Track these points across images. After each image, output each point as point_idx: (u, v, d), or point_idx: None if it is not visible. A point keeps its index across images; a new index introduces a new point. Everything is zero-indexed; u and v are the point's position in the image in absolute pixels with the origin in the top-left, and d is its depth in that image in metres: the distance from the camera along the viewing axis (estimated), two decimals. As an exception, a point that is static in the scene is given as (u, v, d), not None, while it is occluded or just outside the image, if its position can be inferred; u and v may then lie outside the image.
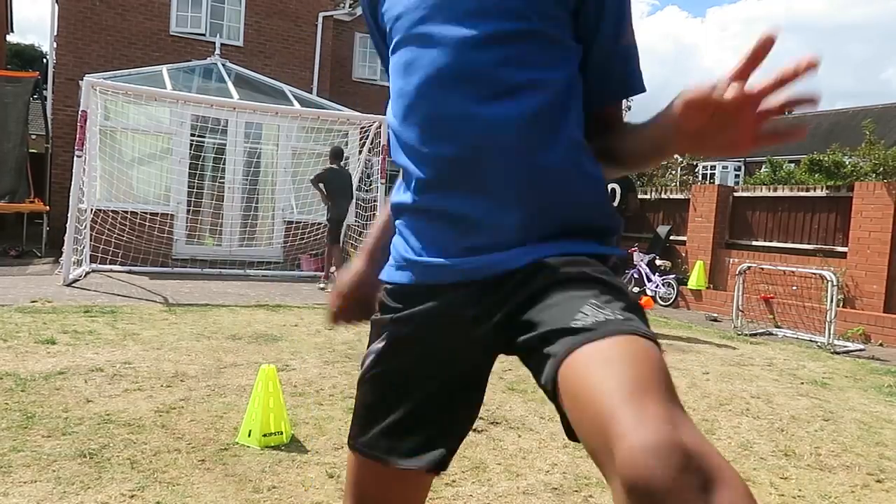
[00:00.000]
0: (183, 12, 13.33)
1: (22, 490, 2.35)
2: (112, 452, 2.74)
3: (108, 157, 9.29)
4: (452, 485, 2.68)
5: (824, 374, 5.43)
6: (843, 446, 3.51)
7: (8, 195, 10.40)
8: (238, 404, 3.49)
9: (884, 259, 7.67)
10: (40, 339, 4.61)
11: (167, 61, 12.05)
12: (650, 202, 11.31)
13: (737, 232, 9.80)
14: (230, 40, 13.56)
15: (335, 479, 2.63)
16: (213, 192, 10.19)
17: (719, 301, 9.04)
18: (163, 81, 10.09)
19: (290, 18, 14.33)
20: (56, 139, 12.23)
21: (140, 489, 2.43)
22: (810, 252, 8.66)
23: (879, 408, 4.39)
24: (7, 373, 3.76)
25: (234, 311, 6.42)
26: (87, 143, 8.05)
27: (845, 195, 8.41)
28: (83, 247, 8.80)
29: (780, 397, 4.51)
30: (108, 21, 12.67)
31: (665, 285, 9.73)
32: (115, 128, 9.49)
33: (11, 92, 10.89)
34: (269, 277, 9.25)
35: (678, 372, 5.12)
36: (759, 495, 2.80)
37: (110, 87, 8.81)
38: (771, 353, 6.26)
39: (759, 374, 5.26)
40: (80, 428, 2.99)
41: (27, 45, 35.90)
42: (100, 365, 4.08)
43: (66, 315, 5.60)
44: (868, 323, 7.41)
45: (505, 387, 4.30)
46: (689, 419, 0.72)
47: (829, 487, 2.93)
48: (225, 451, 2.85)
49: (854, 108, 28.08)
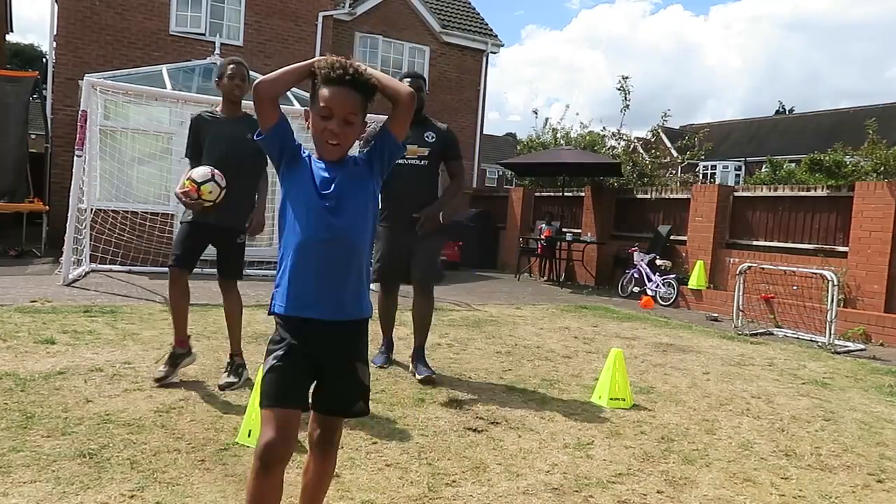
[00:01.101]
0: (183, 12, 13.33)
1: (22, 490, 2.35)
2: (112, 452, 2.74)
3: (108, 157, 9.27)
4: (452, 485, 2.67)
5: (825, 374, 5.42)
6: (843, 446, 3.51)
7: (7, 195, 10.40)
8: (238, 404, 3.48)
9: (885, 259, 7.66)
10: (40, 339, 4.61)
11: (167, 61, 12.05)
12: (650, 202, 11.31)
13: (737, 232, 9.80)
14: (230, 40, 13.55)
15: (335, 478, 2.63)
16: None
17: (720, 301, 9.03)
18: (163, 81, 10.08)
19: (290, 18, 14.33)
20: (56, 139, 12.22)
21: (140, 489, 2.42)
22: (811, 252, 8.66)
23: (880, 408, 4.39)
24: (7, 373, 3.76)
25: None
26: (86, 142, 8.05)
27: (846, 195, 8.40)
28: (83, 246, 8.79)
29: (781, 397, 4.51)
30: (107, 21, 12.67)
31: (665, 285, 9.73)
32: (115, 127, 9.47)
33: (11, 91, 10.88)
34: (269, 277, 9.24)
35: (679, 372, 5.12)
36: (760, 495, 2.80)
37: (110, 86, 8.80)
38: (771, 353, 6.25)
39: (759, 374, 5.26)
40: (80, 428, 2.99)
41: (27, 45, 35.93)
42: (99, 365, 4.07)
43: (65, 315, 5.59)
44: (869, 323, 7.41)
45: (505, 387, 4.30)
46: None
47: (830, 487, 2.93)
48: (225, 451, 2.85)
49: (855, 108, 28.05)
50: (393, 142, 1.99)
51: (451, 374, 4.53)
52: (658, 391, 4.44)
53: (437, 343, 5.45)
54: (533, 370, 4.85)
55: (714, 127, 29.51)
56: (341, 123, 1.86)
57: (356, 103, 1.88)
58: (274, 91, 1.91)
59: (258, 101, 1.90)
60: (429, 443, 3.13)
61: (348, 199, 1.89)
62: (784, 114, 37.88)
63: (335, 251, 1.87)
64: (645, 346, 6.16)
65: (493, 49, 17.92)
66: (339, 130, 1.86)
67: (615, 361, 4.03)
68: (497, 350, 5.45)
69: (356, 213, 1.90)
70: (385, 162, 2.00)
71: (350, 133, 1.90)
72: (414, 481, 2.68)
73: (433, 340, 5.37)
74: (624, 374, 4.06)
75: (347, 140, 1.91)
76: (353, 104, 1.87)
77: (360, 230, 1.92)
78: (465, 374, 4.54)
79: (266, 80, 1.90)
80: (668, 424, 3.71)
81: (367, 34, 16.26)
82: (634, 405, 4.02)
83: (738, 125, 32.56)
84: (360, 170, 1.97)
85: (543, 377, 4.62)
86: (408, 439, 3.15)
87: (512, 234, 13.79)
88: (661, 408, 4.04)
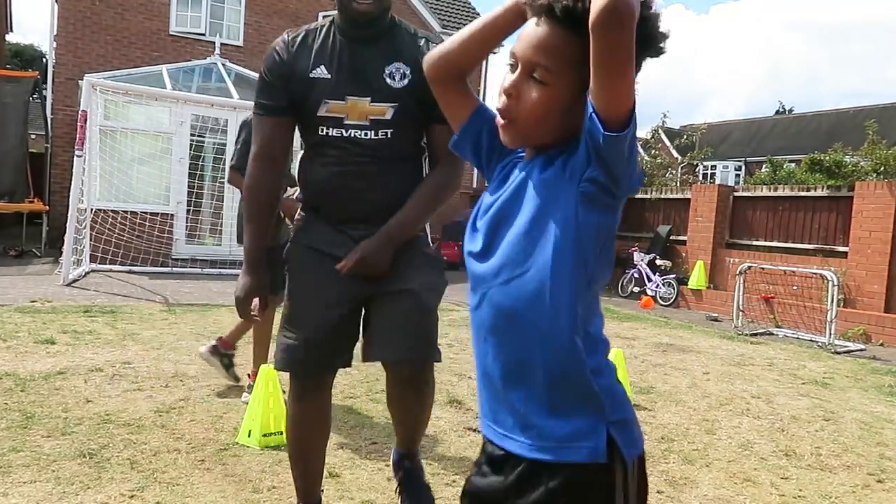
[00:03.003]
0: (183, 12, 13.32)
1: (22, 490, 2.35)
2: (112, 452, 2.74)
3: (108, 157, 9.27)
4: (452, 485, 2.67)
5: (825, 374, 5.43)
6: (843, 446, 3.51)
7: (7, 195, 10.40)
8: (238, 404, 3.48)
9: (884, 259, 7.65)
10: (40, 339, 4.61)
11: (167, 61, 12.05)
12: (650, 202, 11.31)
13: (737, 232, 9.79)
14: (230, 40, 13.55)
15: (335, 478, 2.63)
16: (213, 192, 10.17)
17: (720, 301, 9.03)
18: (163, 81, 10.09)
19: (290, 18, 14.32)
20: (56, 139, 12.22)
21: (140, 489, 2.42)
22: (811, 252, 8.65)
23: (880, 408, 4.39)
24: (6, 373, 3.76)
25: (235, 311, 6.40)
26: (86, 142, 8.05)
27: (846, 195, 8.40)
28: (83, 246, 8.79)
29: (781, 397, 4.51)
30: (107, 21, 12.66)
31: (665, 285, 9.73)
32: (115, 127, 9.48)
33: (11, 92, 10.89)
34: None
35: (679, 372, 5.12)
36: (760, 495, 2.80)
37: (110, 86, 8.81)
38: (771, 353, 6.25)
39: (759, 374, 5.26)
40: (80, 428, 2.99)
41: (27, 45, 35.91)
42: (99, 365, 4.07)
43: (65, 315, 5.59)
44: (869, 323, 7.41)
45: (505, 387, 4.29)
46: None
47: (830, 487, 2.93)
48: (225, 451, 2.85)
49: (855, 108, 28.03)
50: (593, 121, 0.96)
51: (451, 373, 4.53)
52: (658, 391, 4.44)
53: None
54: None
55: (714, 127, 29.49)
56: (520, 80, 1.05)
57: (552, 43, 1.02)
58: (451, 66, 1.18)
59: (432, 86, 1.21)
60: (429, 443, 3.13)
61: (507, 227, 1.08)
62: (784, 114, 37.88)
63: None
64: (645, 345, 6.16)
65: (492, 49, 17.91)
66: (512, 90, 1.05)
67: (615, 361, 4.03)
68: (497, 350, 5.45)
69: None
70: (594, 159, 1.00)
71: (529, 101, 1.04)
72: (414, 481, 2.68)
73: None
74: (624, 373, 4.06)
75: (520, 114, 1.05)
76: (546, 43, 1.02)
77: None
78: (465, 374, 4.54)
79: (433, 53, 1.20)
80: (668, 424, 3.71)
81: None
82: (634, 405, 4.00)
83: (738, 125, 32.55)
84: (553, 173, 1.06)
85: (543, 377, 4.61)
86: (408, 439, 3.15)
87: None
88: (661, 408, 4.05)
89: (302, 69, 1.95)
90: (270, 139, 2.01)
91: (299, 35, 2.01)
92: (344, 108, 1.93)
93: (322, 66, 1.95)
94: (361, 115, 1.93)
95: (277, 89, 1.98)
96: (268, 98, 2.00)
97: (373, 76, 1.94)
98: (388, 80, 1.94)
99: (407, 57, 1.95)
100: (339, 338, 2.00)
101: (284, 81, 1.96)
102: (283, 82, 1.97)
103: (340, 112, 1.93)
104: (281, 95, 1.97)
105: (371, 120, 1.93)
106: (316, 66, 1.95)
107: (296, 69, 1.95)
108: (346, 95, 1.93)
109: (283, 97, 1.97)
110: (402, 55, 1.96)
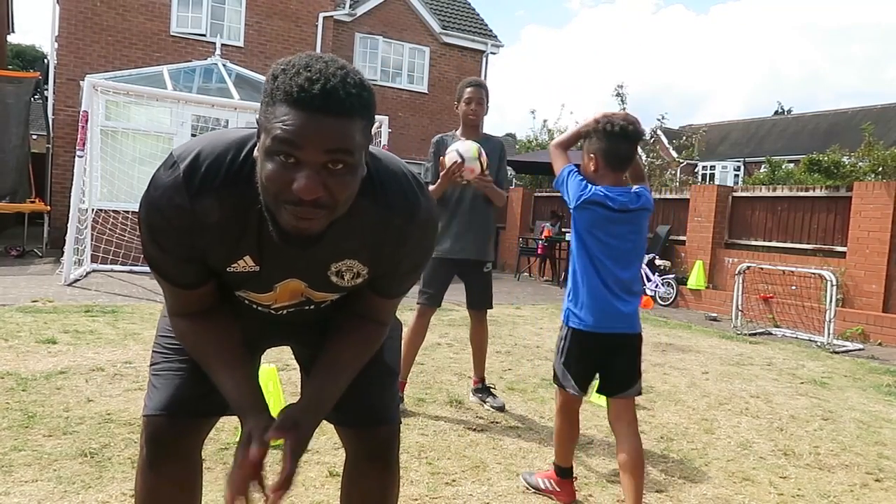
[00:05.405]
0: (183, 13, 13.34)
1: (23, 489, 2.36)
2: (113, 452, 2.75)
3: (109, 157, 9.29)
4: (452, 484, 2.69)
5: (823, 373, 5.44)
6: (842, 445, 3.52)
7: (9, 195, 10.41)
8: (239, 404, 3.49)
9: (883, 259, 7.67)
10: (41, 339, 4.62)
11: (168, 62, 12.07)
12: (650, 202, 11.31)
13: (736, 232, 9.81)
14: (231, 41, 13.57)
15: (335, 478, 2.64)
16: (213, 193, 10.18)
17: (719, 301, 9.05)
18: (163, 82, 10.10)
19: (291, 19, 14.35)
20: (57, 139, 12.24)
21: (141, 488, 2.43)
22: (809, 252, 8.67)
23: (878, 407, 4.40)
24: (8, 372, 3.77)
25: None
26: (88, 143, 8.06)
27: (844, 195, 8.42)
28: (84, 247, 8.81)
29: (780, 397, 4.52)
30: (108, 21, 12.68)
31: (665, 285, 9.74)
32: (116, 128, 9.50)
33: (12, 92, 10.89)
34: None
35: (678, 372, 5.13)
36: (759, 494, 2.81)
37: (111, 87, 8.82)
38: (770, 353, 6.26)
39: (758, 373, 5.27)
40: (81, 427, 3.00)
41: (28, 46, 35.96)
42: (101, 364, 4.09)
43: (66, 315, 5.61)
44: (867, 322, 7.42)
45: (505, 387, 4.31)
46: None
47: (829, 487, 2.94)
48: (225, 450, 2.86)
49: (853, 109, 28.04)
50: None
51: (451, 373, 4.54)
52: (657, 391, 4.46)
53: (436, 343, 5.47)
54: (533, 370, 4.86)
55: (713, 127, 29.50)
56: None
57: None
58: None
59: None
60: (429, 442, 3.14)
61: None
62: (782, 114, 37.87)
63: None
64: (644, 345, 6.17)
65: (492, 50, 17.92)
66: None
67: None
68: (497, 350, 5.46)
69: None
70: None
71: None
72: (414, 481, 2.69)
73: (432, 340, 5.39)
74: (623, 373, 4.07)
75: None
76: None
77: None
78: (466, 374, 4.55)
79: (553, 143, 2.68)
80: (667, 424, 3.73)
81: (367, 35, 16.27)
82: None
83: (737, 125, 32.56)
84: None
85: (543, 377, 4.63)
86: (408, 439, 3.16)
87: (511, 234, 13.80)
88: (660, 407, 4.06)
89: (213, 250, 1.31)
90: (199, 303, 1.41)
91: (204, 184, 1.24)
92: (271, 297, 1.44)
93: (247, 257, 1.33)
94: (294, 293, 1.44)
95: (183, 262, 1.32)
96: (173, 274, 1.35)
97: (314, 273, 1.38)
98: (332, 279, 1.39)
99: (363, 254, 1.36)
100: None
101: (188, 249, 1.30)
102: (188, 251, 1.30)
103: (266, 301, 1.46)
104: (190, 269, 1.34)
105: (306, 297, 1.46)
106: (236, 257, 1.33)
107: (203, 244, 1.30)
108: (274, 285, 1.41)
109: (193, 269, 1.34)
110: (357, 253, 1.35)
